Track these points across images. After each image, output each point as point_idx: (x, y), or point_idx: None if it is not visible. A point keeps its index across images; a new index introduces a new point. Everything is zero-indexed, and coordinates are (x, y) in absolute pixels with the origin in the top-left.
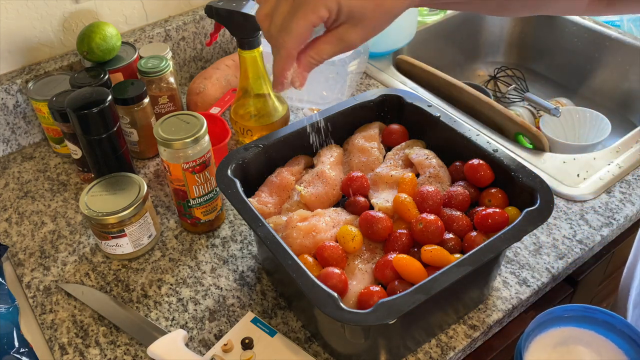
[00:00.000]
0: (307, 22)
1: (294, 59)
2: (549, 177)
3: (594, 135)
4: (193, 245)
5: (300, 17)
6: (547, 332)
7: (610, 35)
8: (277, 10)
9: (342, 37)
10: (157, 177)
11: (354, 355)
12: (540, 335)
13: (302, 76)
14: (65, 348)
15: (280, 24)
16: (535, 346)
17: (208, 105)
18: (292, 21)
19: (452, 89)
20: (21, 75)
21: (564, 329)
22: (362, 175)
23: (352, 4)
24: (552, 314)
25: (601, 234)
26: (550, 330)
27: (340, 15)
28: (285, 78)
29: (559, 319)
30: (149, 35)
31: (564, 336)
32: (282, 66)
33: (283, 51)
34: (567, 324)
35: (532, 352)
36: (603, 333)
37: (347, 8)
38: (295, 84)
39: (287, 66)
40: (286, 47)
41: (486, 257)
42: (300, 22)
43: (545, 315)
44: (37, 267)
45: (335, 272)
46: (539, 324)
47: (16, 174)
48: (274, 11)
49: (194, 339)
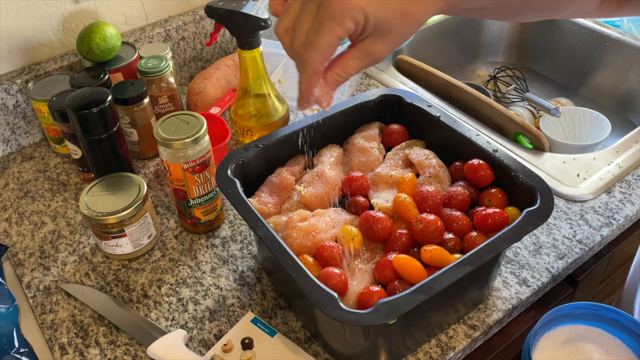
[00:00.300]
0: (333, 35)
1: (321, 74)
2: (549, 177)
3: (594, 135)
4: (193, 245)
5: (325, 30)
6: (554, 330)
7: (610, 35)
8: (299, 24)
9: (368, 50)
10: (157, 177)
11: (354, 355)
12: (547, 332)
13: (329, 95)
14: (65, 348)
15: (304, 38)
16: (543, 344)
17: (208, 105)
18: (318, 35)
19: (452, 89)
20: (21, 75)
21: (571, 327)
22: (362, 175)
23: (379, 16)
24: (560, 312)
25: (601, 234)
26: (558, 327)
27: (367, 27)
28: (312, 95)
29: (566, 316)
30: (149, 35)
31: (572, 334)
32: (308, 83)
33: (309, 67)
34: (574, 322)
35: (540, 350)
36: (611, 330)
37: (374, 20)
38: (322, 104)
39: (314, 82)
40: (312, 62)
41: (486, 257)
42: (326, 36)
43: (553, 312)
44: (37, 267)
45: (335, 272)
46: (546, 322)
47: (16, 174)
48: (295, 25)
49: (194, 339)
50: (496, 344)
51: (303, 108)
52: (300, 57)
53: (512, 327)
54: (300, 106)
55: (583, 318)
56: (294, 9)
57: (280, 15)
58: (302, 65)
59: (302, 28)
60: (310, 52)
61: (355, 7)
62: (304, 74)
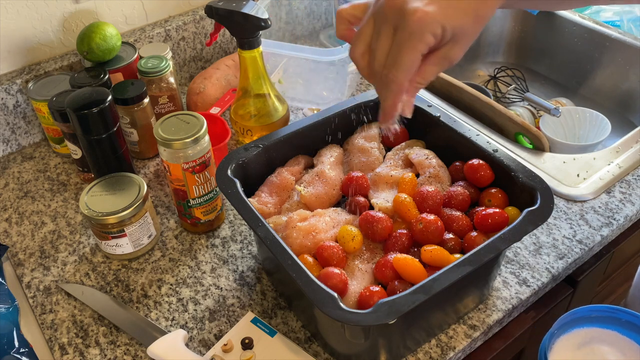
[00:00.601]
0: (416, 53)
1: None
2: (549, 177)
3: (594, 135)
4: (193, 245)
5: (408, 49)
6: (570, 333)
7: (610, 35)
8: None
9: (446, 55)
10: (157, 177)
11: (354, 355)
12: (563, 335)
13: (410, 102)
14: (65, 348)
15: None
16: (559, 346)
17: (208, 105)
18: (401, 55)
19: (452, 89)
20: (21, 75)
21: (587, 330)
22: (362, 175)
23: (454, 24)
24: (576, 314)
25: (601, 234)
26: (574, 330)
27: (445, 37)
28: (397, 111)
29: (582, 319)
30: (149, 35)
31: (588, 336)
32: (393, 101)
33: (394, 86)
34: (591, 325)
35: (556, 352)
36: (626, 333)
37: (450, 29)
38: (405, 112)
39: (399, 99)
40: (397, 81)
41: (486, 257)
42: (410, 54)
43: (569, 315)
44: (37, 267)
45: (335, 272)
46: (563, 324)
47: (16, 174)
48: (373, 48)
49: (194, 339)
50: (496, 344)
51: (387, 124)
52: (384, 78)
53: (512, 327)
54: (383, 123)
55: (599, 321)
56: (367, 32)
57: (354, 40)
58: (386, 84)
59: (381, 50)
60: (395, 71)
61: (432, 22)
62: (388, 93)
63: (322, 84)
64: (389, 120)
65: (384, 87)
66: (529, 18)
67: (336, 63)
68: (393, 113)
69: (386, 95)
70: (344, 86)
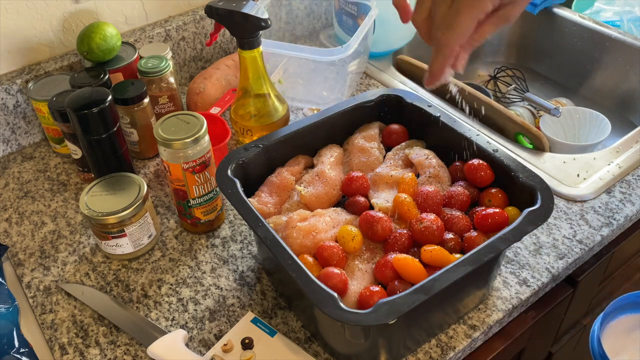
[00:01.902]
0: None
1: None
2: (549, 177)
3: (594, 135)
4: (193, 245)
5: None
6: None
7: (610, 35)
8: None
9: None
10: (157, 177)
11: (354, 355)
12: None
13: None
14: (65, 348)
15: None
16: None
17: (208, 105)
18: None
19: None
20: (21, 75)
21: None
22: (362, 175)
23: None
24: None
25: (601, 234)
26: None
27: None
28: (443, 74)
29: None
30: (149, 35)
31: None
32: (442, 62)
33: (446, 49)
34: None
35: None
36: None
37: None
38: (458, 68)
39: (448, 62)
40: (449, 44)
41: (486, 257)
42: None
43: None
44: (37, 267)
45: (335, 272)
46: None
47: (16, 174)
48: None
49: (194, 339)
50: (496, 344)
51: (432, 86)
52: (437, 41)
53: (512, 327)
54: (429, 84)
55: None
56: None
57: (416, 7)
58: (438, 47)
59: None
60: (448, 34)
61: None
62: (439, 55)
63: (322, 84)
64: (434, 83)
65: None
66: (529, 18)
67: (336, 63)
68: (439, 76)
69: (436, 57)
70: (344, 86)
